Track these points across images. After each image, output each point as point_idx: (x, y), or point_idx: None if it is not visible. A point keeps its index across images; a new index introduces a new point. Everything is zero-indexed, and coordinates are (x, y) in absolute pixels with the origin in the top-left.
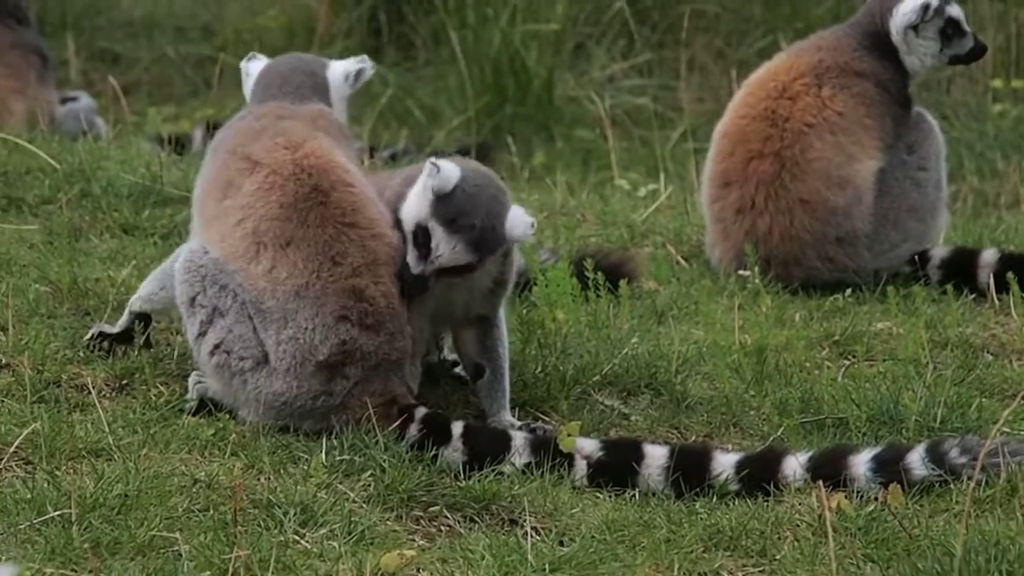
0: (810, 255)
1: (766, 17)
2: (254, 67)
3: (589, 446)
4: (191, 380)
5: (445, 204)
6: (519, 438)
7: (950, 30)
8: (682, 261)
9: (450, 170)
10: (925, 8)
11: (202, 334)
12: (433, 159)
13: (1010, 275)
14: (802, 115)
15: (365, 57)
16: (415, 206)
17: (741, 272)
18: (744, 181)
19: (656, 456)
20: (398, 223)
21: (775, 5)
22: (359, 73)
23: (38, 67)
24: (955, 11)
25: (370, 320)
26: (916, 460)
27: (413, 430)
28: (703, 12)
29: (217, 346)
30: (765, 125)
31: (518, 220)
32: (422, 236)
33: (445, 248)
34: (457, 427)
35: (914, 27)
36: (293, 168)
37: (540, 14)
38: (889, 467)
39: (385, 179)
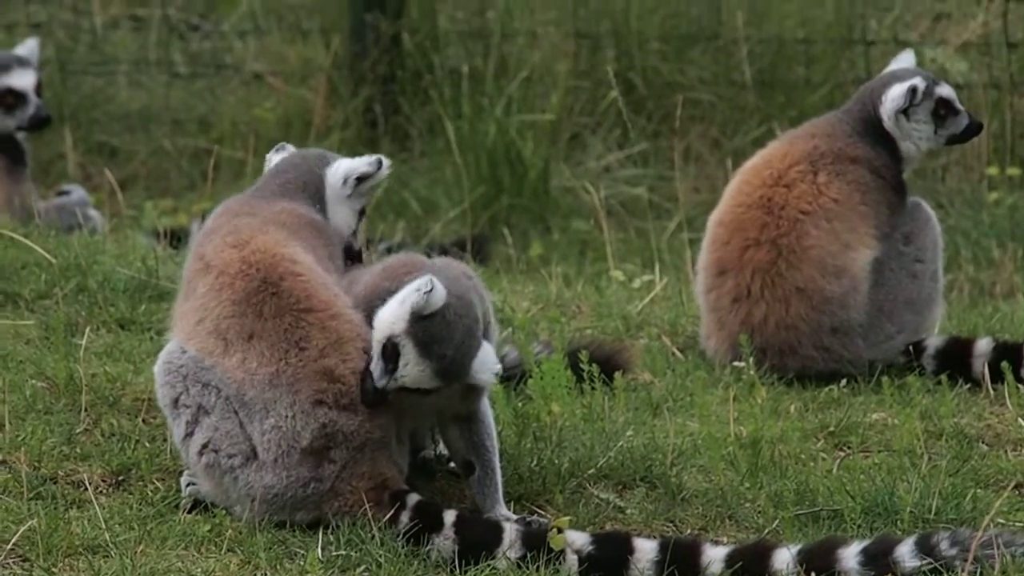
0: (806, 344)
1: (760, 106)
2: (275, 158)
3: (580, 540)
4: (183, 480)
5: (423, 326)
6: (511, 530)
7: (943, 111)
8: (677, 353)
9: (439, 293)
10: (913, 91)
11: (189, 435)
12: (431, 277)
13: (1004, 364)
14: (798, 202)
15: (379, 158)
16: (391, 316)
17: (736, 363)
18: (740, 269)
19: (646, 550)
20: (369, 319)
21: (769, 94)
22: (363, 176)
23: (6, 160)
24: (945, 91)
25: (345, 400)
26: (906, 553)
27: (405, 518)
28: (698, 101)
29: (205, 445)
30: (761, 213)
31: (486, 362)
32: (391, 350)
33: (412, 370)
34: (449, 516)
35: (904, 112)
36: (240, 265)
37: (535, 104)
38: (878, 560)
39: (359, 272)
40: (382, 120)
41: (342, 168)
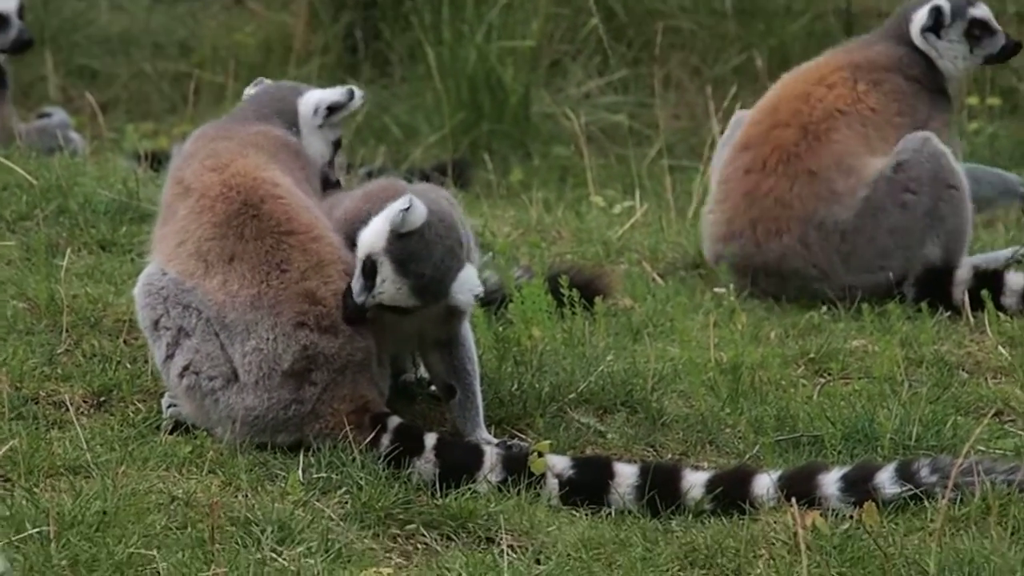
0: (793, 230)
1: (741, 34)
2: (250, 92)
3: (561, 464)
4: (164, 402)
5: (401, 244)
6: (491, 453)
7: (977, 31)
8: (658, 278)
9: (418, 211)
10: (937, 11)
11: (169, 356)
12: (411, 196)
13: (985, 292)
14: (836, 101)
15: (351, 89)
16: (372, 234)
17: (717, 290)
18: (762, 144)
19: (627, 474)
20: (353, 241)
21: (750, 22)
22: (333, 106)
23: None
24: (980, 11)
25: (326, 322)
26: (886, 479)
27: (386, 441)
28: (678, 29)
29: (186, 368)
30: (799, 103)
31: (466, 283)
32: (370, 267)
33: (389, 287)
34: (430, 439)
35: (936, 31)
36: (220, 188)
37: (516, 31)
38: (858, 486)
39: (340, 196)
40: (362, 46)
41: (314, 98)
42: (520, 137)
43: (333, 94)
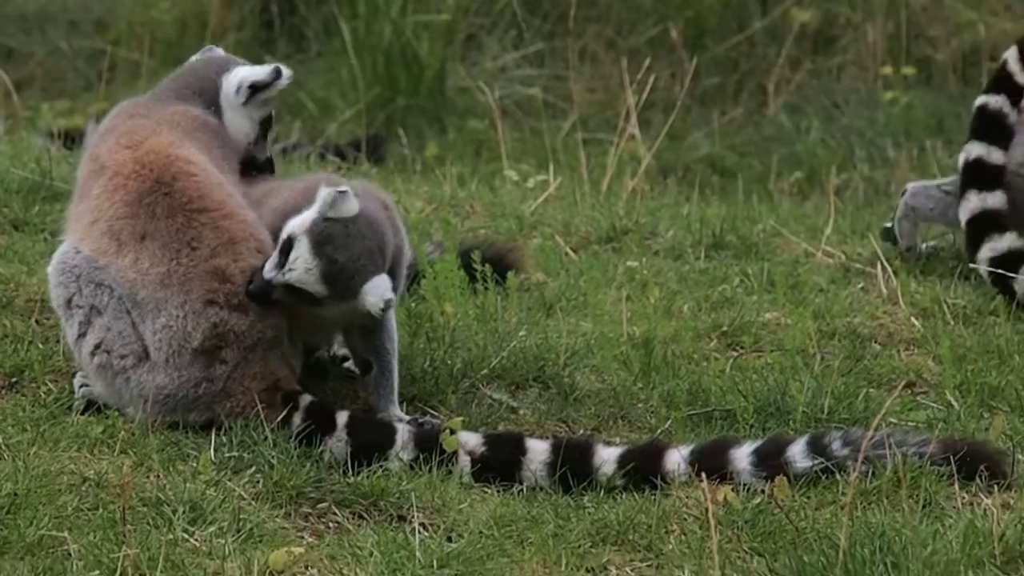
0: None
1: (656, 6)
2: (193, 60)
3: (473, 441)
4: (76, 381)
5: (324, 226)
6: (404, 431)
7: None
8: (571, 253)
9: (351, 202)
10: None
11: (82, 335)
12: (353, 184)
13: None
14: None
15: (278, 67)
16: (300, 218)
17: (629, 264)
18: None
19: (538, 451)
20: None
21: None
22: (256, 85)
23: None
24: None
25: (236, 300)
26: (798, 453)
27: (297, 419)
28: (593, 2)
29: (97, 346)
30: None
31: (378, 288)
32: (287, 246)
33: (300, 266)
34: (342, 417)
35: None
36: (133, 166)
37: (431, 5)
38: (770, 460)
39: (278, 185)
40: (278, 21)
41: (238, 76)
42: (435, 112)
43: (257, 72)
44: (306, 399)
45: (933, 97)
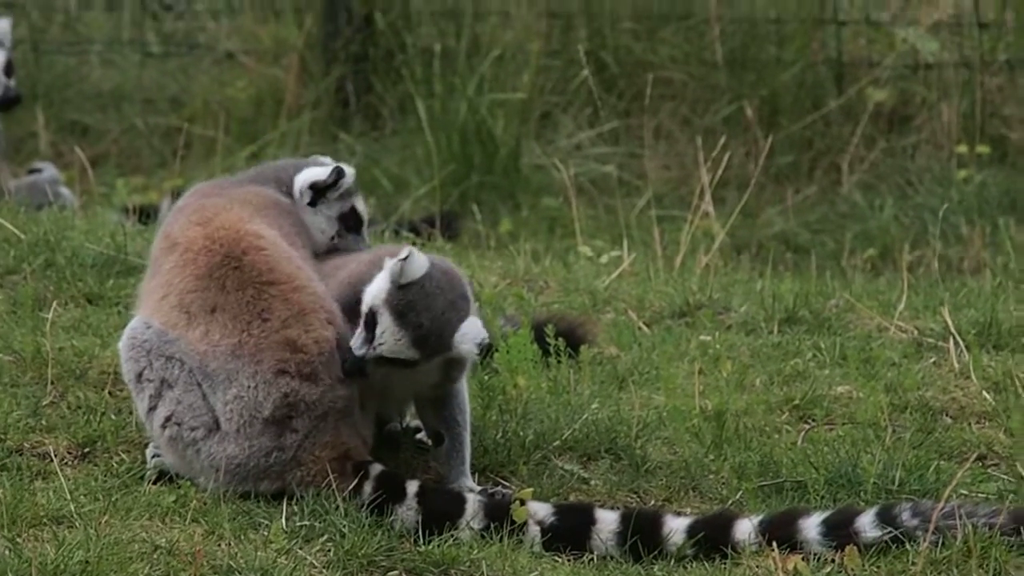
0: None
1: (731, 84)
2: None
3: (542, 511)
4: (148, 452)
5: (400, 295)
6: (473, 501)
7: None
8: (644, 327)
9: (418, 263)
10: None
11: (152, 408)
12: (411, 248)
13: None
14: None
15: (339, 168)
16: (375, 288)
17: (702, 338)
18: None
19: (607, 520)
20: (356, 305)
21: (740, 73)
22: (317, 186)
23: None
24: None
25: (308, 369)
26: (867, 523)
27: (368, 488)
28: (669, 80)
29: (168, 418)
30: None
31: (470, 334)
32: (371, 319)
33: (389, 338)
34: (412, 486)
35: None
36: (204, 241)
37: (507, 83)
38: (839, 530)
39: (347, 258)
40: (354, 99)
41: (300, 177)
42: (509, 188)
43: (317, 174)
44: (376, 468)
45: (1007, 175)
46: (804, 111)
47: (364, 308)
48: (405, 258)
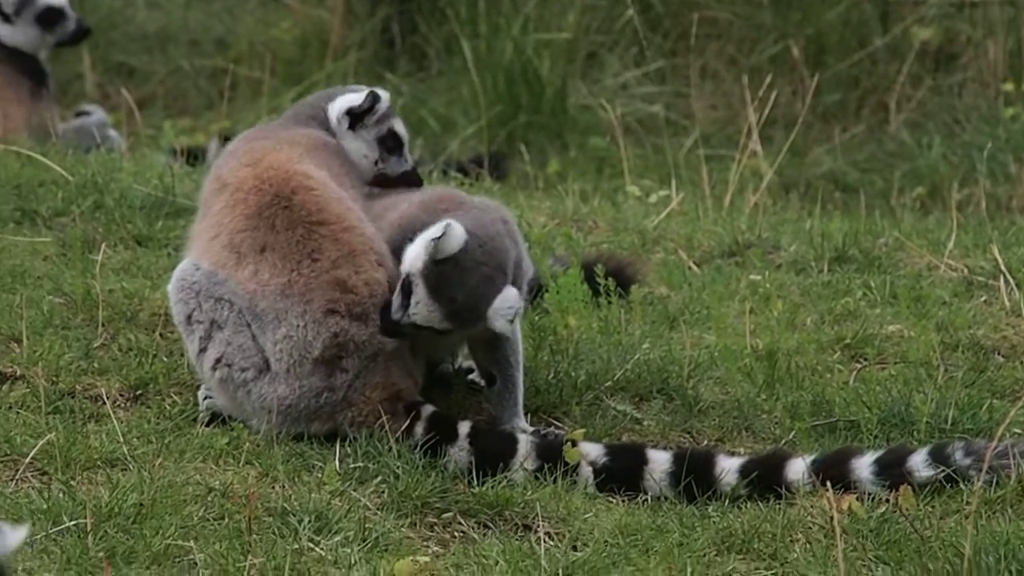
0: None
1: (777, 23)
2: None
3: (594, 452)
4: (200, 394)
5: (436, 269)
6: (525, 442)
7: None
8: (694, 267)
9: (455, 238)
10: None
11: (203, 350)
12: (449, 222)
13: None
14: None
15: (373, 92)
16: (413, 253)
17: (752, 277)
18: None
19: (660, 461)
20: (401, 248)
21: (786, 11)
22: (354, 111)
23: (28, 81)
24: None
25: (358, 310)
26: (920, 462)
27: (420, 429)
28: (714, 19)
29: (219, 360)
30: None
31: (502, 309)
32: (408, 287)
33: (422, 310)
34: (464, 427)
35: None
36: (253, 182)
37: (552, 23)
38: (892, 470)
39: (398, 198)
40: (399, 40)
41: (336, 104)
42: (557, 129)
43: (352, 99)
44: (428, 409)
45: None
46: (850, 49)
47: (402, 271)
48: (440, 236)
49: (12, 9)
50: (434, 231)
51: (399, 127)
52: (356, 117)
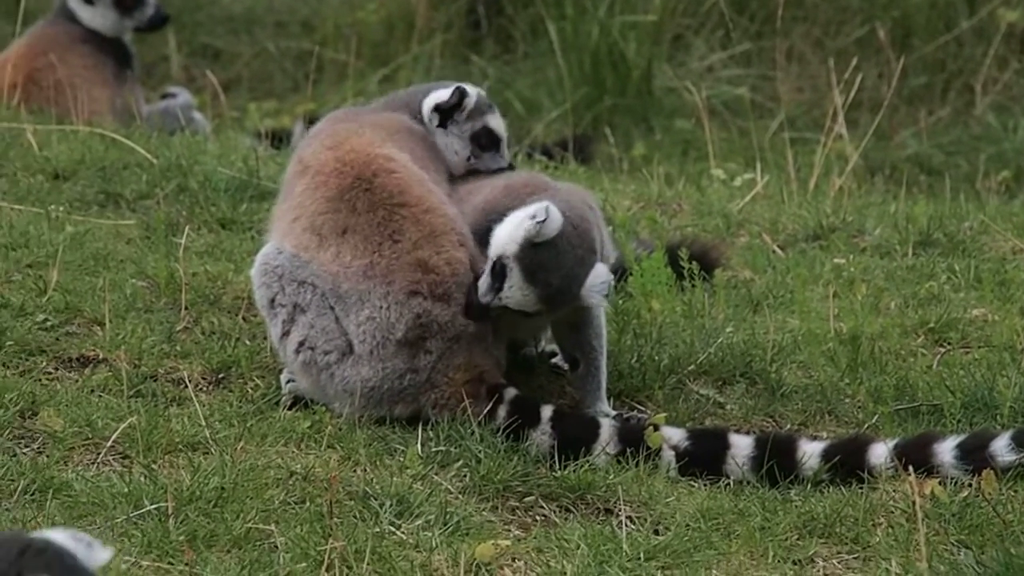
0: None
1: (863, 6)
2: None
3: (676, 436)
4: (283, 378)
5: (532, 253)
6: (608, 426)
7: None
8: (778, 250)
9: (554, 222)
10: None
11: (286, 334)
12: (548, 205)
13: None
14: None
15: (460, 88)
16: (506, 236)
17: (836, 261)
18: None
19: (742, 446)
20: (486, 232)
21: None
22: (438, 108)
23: (113, 63)
24: None
25: (440, 291)
26: (1002, 447)
27: (503, 412)
28: (800, 2)
29: (302, 343)
30: None
31: (596, 285)
32: (500, 270)
33: (516, 293)
34: (547, 411)
35: None
36: (335, 164)
37: (638, 5)
38: (974, 454)
39: (481, 182)
40: (485, 22)
41: (428, 99)
42: (642, 111)
43: (440, 96)
44: (511, 392)
45: None
46: (936, 32)
47: (492, 254)
48: (544, 219)
49: None
50: (533, 212)
51: (495, 123)
52: (444, 113)
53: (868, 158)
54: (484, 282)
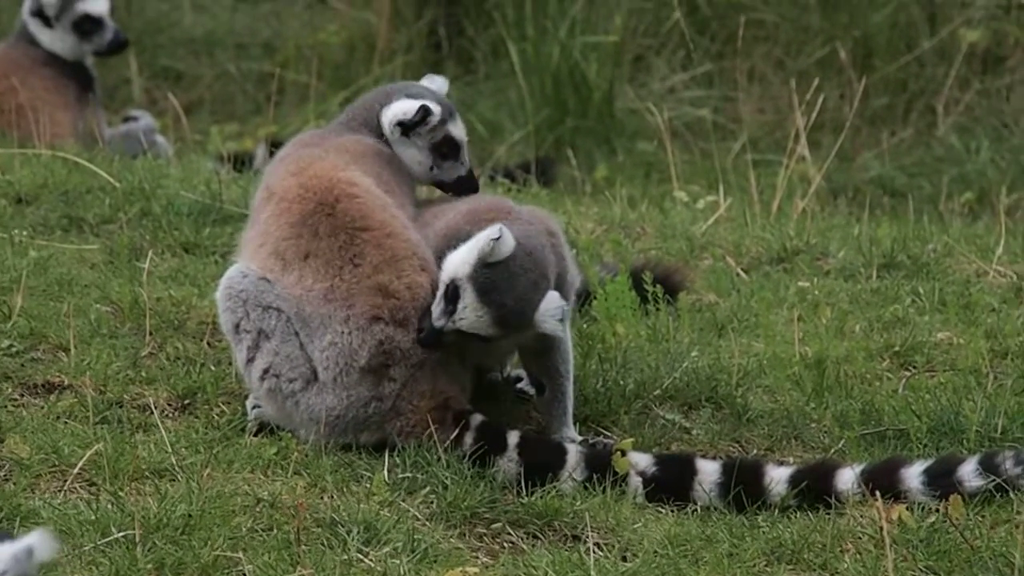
0: None
1: (824, 26)
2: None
3: (644, 462)
4: (248, 403)
5: (487, 272)
6: (574, 452)
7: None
8: (742, 273)
9: (508, 242)
10: None
11: (251, 360)
12: (501, 226)
13: None
14: None
15: (424, 106)
16: (459, 260)
17: (801, 284)
18: None
19: (709, 471)
20: (444, 257)
21: (832, 14)
22: (401, 124)
23: (75, 86)
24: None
25: (401, 315)
26: (969, 472)
27: (469, 439)
28: (761, 22)
29: (266, 371)
30: None
31: (550, 310)
32: (452, 292)
33: (470, 314)
34: (513, 437)
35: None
36: (298, 190)
37: (599, 26)
38: (941, 479)
39: (444, 207)
40: (446, 43)
41: (389, 112)
42: (604, 133)
43: (405, 110)
44: (477, 419)
45: None
46: (898, 52)
47: (444, 278)
48: (497, 238)
49: (53, 12)
50: (489, 233)
51: (456, 131)
52: (407, 128)
53: (831, 180)
54: (437, 307)
